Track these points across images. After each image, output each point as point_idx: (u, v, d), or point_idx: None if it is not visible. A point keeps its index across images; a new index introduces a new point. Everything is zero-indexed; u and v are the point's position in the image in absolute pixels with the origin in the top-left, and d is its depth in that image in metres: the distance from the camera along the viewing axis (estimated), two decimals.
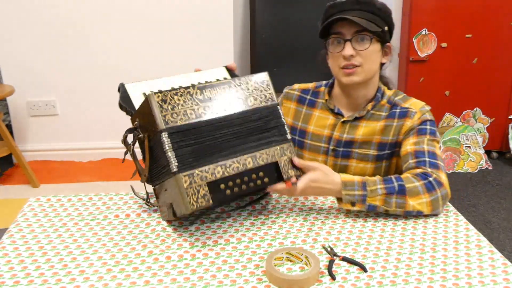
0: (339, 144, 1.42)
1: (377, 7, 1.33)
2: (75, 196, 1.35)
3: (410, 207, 1.22)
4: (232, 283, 0.99)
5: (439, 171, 1.27)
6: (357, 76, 1.33)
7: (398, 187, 1.21)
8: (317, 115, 1.47)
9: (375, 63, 1.36)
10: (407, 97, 1.43)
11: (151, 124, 1.07)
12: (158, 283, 0.98)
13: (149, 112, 1.07)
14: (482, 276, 1.02)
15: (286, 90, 1.54)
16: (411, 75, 3.36)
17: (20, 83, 3.23)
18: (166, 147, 1.05)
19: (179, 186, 1.04)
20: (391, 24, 1.37)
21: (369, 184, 1.21)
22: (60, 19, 3.17)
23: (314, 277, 0.99)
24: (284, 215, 1.26)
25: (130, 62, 3.31)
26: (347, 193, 1.20)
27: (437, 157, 1.31)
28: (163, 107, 1.06)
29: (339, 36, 1.32)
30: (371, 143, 1.40)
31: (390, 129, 1.38)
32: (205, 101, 1.11)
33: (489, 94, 3.47)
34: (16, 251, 1.09)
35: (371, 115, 1.41)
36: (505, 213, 2.82)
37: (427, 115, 1.37)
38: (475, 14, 3.26)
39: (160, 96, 1.06)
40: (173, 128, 1.06)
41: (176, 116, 1.07)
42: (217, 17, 3.27)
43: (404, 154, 1.35)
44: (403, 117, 1.38)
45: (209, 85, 1.13)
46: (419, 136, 1.34)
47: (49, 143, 3.43)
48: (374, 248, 1.12)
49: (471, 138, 3.47)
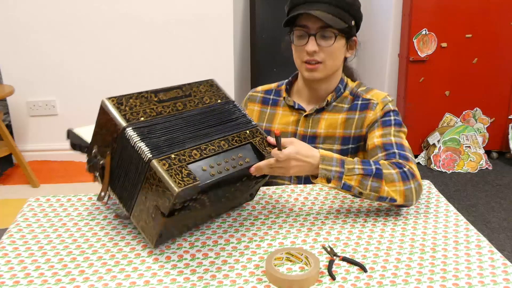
0: (304, 139, 1.41)
1: (346, 2, 1.29)
2: (75, 196, 1.35)
3: (385, 192, 1.19)
4: (232, 283, 0.98)
5: (409, 163, 1.24)
6: (318, 73, 1.33)
7: (376, 170, 1.19)
8: (280, 113, 1.46)
9: (338, 59, 1.35)
10: (370, 88, 1.42)
11: (112, 132, 1.03)
12: (158, 283, 0.98)
13: (107, 120, 1.03)
14: (482, 276, 1.02)
15: (249, 93, 1.54)
16: (411, 75, 3.36)
17: (20, 83, 3.23)
18: (134, 140, 1.00)
19: (159, 171, 0.96)
20: (359, 18, 1.34)
21: (347, 163, 1.18)
22: (60, 19, 3.17)
23: (314, 277, 0.99)
24: (284, 215, 1.26)
25: (130, 62, 3.31)
26: (324, 167, 1.16)
27: (405, 148, 1.29)
28: (121, 108, 1.03)
29: (303, 29, 1.30)
30: (334, 138, 1.39)
31: (352, 122, 1.38)
32: (162, 102, 1.10)
33: (489, 94, 3.47)
34: (15, 251, 1.09)
35: (333, 107, 1.40)
36: (505, 213, 2.82)
37: (390, 105, 1.35)
38: (475, 14, 3.26)
39: (115, 100, 1.04)
40: (137, 124, 1.02)
41: (137, 114, 1.04)
42: (217, 17, 3.27)
43: (371, 147, 1.32)
44: (364, 109, 1.37)
45: (161, 89, 1.13)
46: (384, 128, 1.32)
47: (49, 143, 3.43)
48: (374, 248, 1.12)
49: (471, 138, 3.47)
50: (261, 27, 3.63)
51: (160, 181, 0.96)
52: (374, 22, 3.71)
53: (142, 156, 0.99)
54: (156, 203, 1.00)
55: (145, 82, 3.37)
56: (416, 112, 3.45)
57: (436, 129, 3.51)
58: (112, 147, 1.05)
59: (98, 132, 1.08)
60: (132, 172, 1.03)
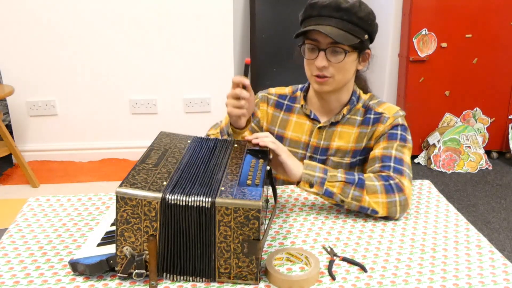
0: (316, 151, 1.41)
1: (358, 16, 1.26)
2: (75, 196, 1.35)
3: (366, 202, 1.20)
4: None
5: (402, 177, 1.24)
6: (328, 86, 1.31)
7: (358, 180, 1.21)
8: (294, 121, 1.45)
9: (349, 72, 1.33)
10: (382, 102, 1.40)
11: (147, 213, 0.95)
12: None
13: (133, 207, 0.94)
14: (482, 276, 1.02)
15: (261, 94, 1.50)
16: (411, 75, 3.36)
17: (20, 83, 3.23)
18: (181, 199, 0.94)
19: (228, 202, 0.94)
20: (372, 31, 1.31)
21: (330, 170, 1.22)
22: (60, 19, 3.17)
23: (314, 277, 0.99)
24: (284, 215, 1.26)
25: (130, 61, 3.31)
26: (307, 172, 1.19)
27: (404, 163, 1.27)
28: (139, 186, 0.96)
29: (314, 43, 1.28)
30: (346, 151, 1.39)
31: (364, 135, 1.37)
32: (156, 166, 1.05)
33: (489, 94, 3.47)
34: (15, 251, 1.09)
35: (347, 119, 1.39)
36: (505, 213, 2.82)
37: (400, 119, 1.34)
38: (475, 14, 3.26)
39: (127, 184, 0.96)
40: (167, 187, 0.97)
41: (156, 183, 0.98)
42: (217, 17, 3.27)
43: (371, 157, 1.33)
44: (376, 122, 1.36)
45: (141, 158, 1.08)
46: (389, 141, 1.31)
47: (48, 143, 3.43)
48: (374, 248, 1.12)
49: (471, 138, 3.47)
50: (261, 27, 3.63)
51: (237, 210, 0.93)
52: None
53: (202, 205, 0.94)
54: (243, 236, 0.95)
55: (145, 82, 3.37)
56: (416, 112, 3.45)
57: (436, 129, 3.51)
58: (153, 228, 0.96)
59: (125, 230, 0.96)
60: (195, 234, 0.96)
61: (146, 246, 0.96)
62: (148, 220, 0.95)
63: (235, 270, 0.98)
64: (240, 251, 0.96)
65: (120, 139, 3.45)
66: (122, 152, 3.46)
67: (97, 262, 0.97)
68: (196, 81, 3.41)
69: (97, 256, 0.99)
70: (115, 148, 3.45)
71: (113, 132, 3.44)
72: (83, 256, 1.00)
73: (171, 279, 0.99)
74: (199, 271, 0.98)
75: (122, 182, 0.96)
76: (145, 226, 0.95)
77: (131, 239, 0.96)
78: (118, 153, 3.46)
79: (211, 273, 0.98)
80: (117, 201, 0.94)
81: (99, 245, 1.04)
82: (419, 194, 1.39)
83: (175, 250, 0.97)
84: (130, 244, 0.96)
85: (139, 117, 3.44)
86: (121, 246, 0.96)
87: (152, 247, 0.96)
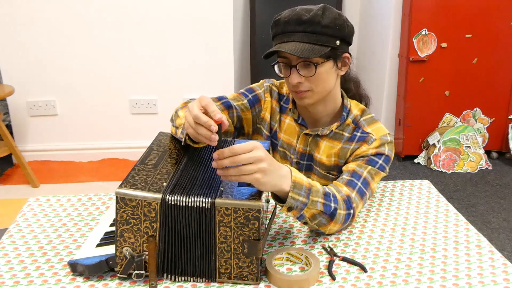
0: (303, 157, 1.38)
1: (323, 25, 1.18)
2: (75, 196, 1.35)
3: (327, 230, 1.15)
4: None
5: (360, 203, 1.20)
6: (308, 99, 1.27)
7: (332, 210, 1.11)
8: (287, 122, 1.41)
9: (328, 82, 1.25)
10: (373, 120, 1.34)
11: (147, 214, 0.94)
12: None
13: (133, 208, 0.94)
14: (482, 276, 1.02)
15: (269, 84, 1.43)
16: (411, 75, 3.36)
17: (20, 83, 3.23)
18: (181, 200, 0.94)
19: (228, 202, 0.94)
20: (344, 35, 1.22)
21: (312, 193, 1.08)
22: (60, 19, 3.17)
23: (314, 277, 0.99)
24: (284, 215, 1.26)
25: (130, 61, 3.31)
26: (292, 196, 1.04)
27: (368, 188, 1.23)
28: (139, 187, 0.95)
29: (285, 60, 1.24)
30: (330, 166, 1.35)
31: (346, 151, 1.32)
32: (156, 167, 1.05)
33: (489, 94, 3.47)
34: (16, 251, 1.09)
35: (334, 134, 1.34)
36: (505, 213, 2.82)
37: (386, 147, 1.28)
38: (475, 14, 3.26)
39: (127, 184, 0.95)
40: (168, 188, 0.96)
41: (155, 183, 0.97)
42: (217, 17, 3.27)
43: (344, 168, 1.28)
44: (360, 141, 1.30)
45: (141, 159, 1.08)
46: (366, 164, 1.26)
47: (49, 143, 3.43)
48: (374, 248, 1.12)
49: (471, 138, 3.47)
50: (261, 27, 3.63)
51: (237, 210, 0.93)
52: (374, 22, 3.71)
53: (202, 205, 0.94)
54: (243, 237, 0.95)
55: (145, 82, 3.37)
56: (416, 112, 3.45)
57: (436, 129, 3.51)
58: (153, 229, 0.95)
59: (125, 230, 0.95)
60: (195, 234, 0.96)
61: (146, 246, 0.96)
62: (148, 220, 0.95)
63: (236, 271, 0.98)
64: (240, 251, 0.96)
65: (120, 139, 3.45)
66: (122, 152, 3.46)
67: (96, 263, 0.98)
68: (196, 81, 3.41)
69: (97, 257, 0.99)
70: (115, 148, 3.45)
71: (113, 132, 3.44)
72: (83, 257, 1.00)
73: (172, 279, 0.99)
74: (200, 272, 0.99)
75: (122, 182, 0.96)
76: (145, 226, 0.95)
77: (130, 239, 0.96)
78: (118, 153, 3.46)
79: (212, 274, 0.98)
80: (117, 202, 0.94)
81: (98, 245, 1.04)
82: (419, 194, 1.39)
83: (175, 251, 0.97)
84: (129, 245, 0.96)
85: (139, 117, 3.44)
86: (121, 247, 0.96)
87: (152, 247, 0.96)
